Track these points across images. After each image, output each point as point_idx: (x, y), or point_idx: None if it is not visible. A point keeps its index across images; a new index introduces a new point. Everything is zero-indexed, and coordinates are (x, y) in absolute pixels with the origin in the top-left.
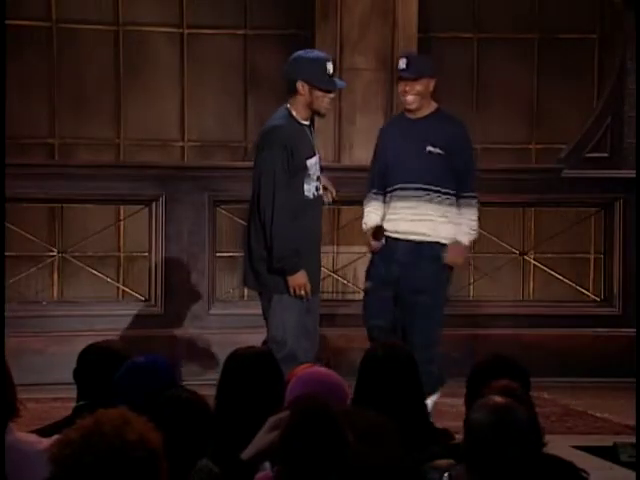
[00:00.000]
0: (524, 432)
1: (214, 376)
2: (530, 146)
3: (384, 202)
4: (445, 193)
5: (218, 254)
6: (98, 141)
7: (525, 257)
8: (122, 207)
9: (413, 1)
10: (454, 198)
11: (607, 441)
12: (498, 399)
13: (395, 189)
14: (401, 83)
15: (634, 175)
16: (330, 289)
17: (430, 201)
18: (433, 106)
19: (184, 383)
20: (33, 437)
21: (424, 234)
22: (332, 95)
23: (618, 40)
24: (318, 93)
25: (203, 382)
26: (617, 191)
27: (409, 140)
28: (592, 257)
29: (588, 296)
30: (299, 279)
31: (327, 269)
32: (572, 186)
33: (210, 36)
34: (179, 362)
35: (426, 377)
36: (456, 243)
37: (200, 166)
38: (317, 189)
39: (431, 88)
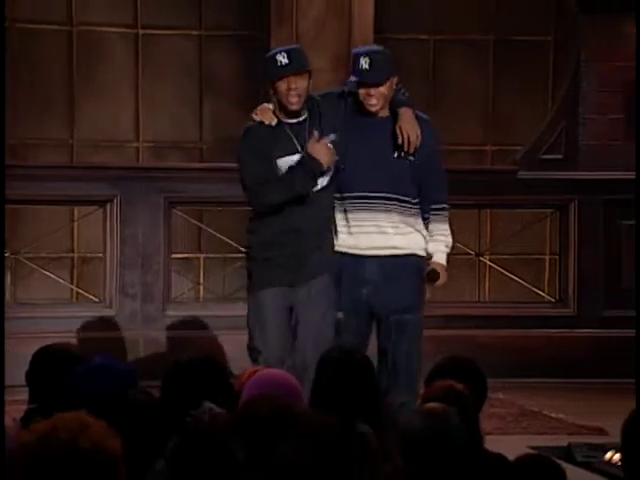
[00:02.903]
0: (457, 438)
1: None
2: (486, 148)
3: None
4: (415, 203)
5: (173, 255)
6: (52, 142)
7: (481, 258)
8: (76, 208)
9: (369, 1)
10: (419, 207)
11: (562, 441)
12: (432, 405)
13: (356, 198)
14: (363, 87)
15: (589, 176)
16: None
17: (403, 212)
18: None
19: (139, 385)
20: None
21: (399, 247)
22: (284, 84)
23: (573, 42)
24: (276, 87)
25: (158, 384)
26: (572, 192)
27: (371, 143)
28: (547, 258)
29: (543, 297)
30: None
31: None
32: (527, 187)
33: (165, 37)
34: (133, 364)
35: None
36: (438, 265)
37: (155, 167)
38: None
39: (394, 86)
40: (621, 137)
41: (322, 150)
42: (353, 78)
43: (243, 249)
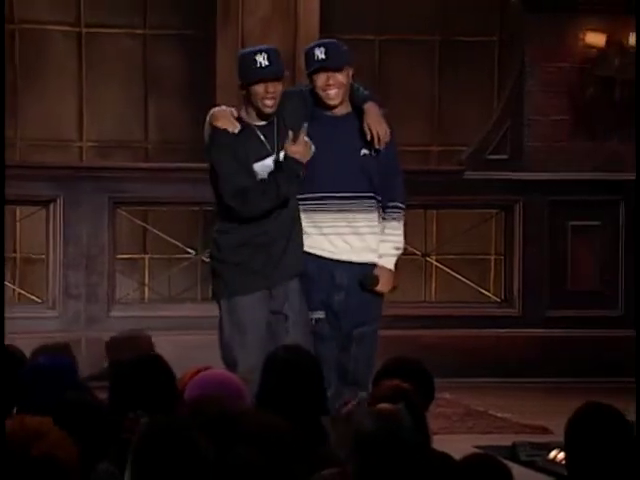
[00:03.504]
0: (409, 439)
1: None
2: (432, 148)
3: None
4: (379, 202)
5: (118, 256)
6: None
7: (427, 258)
8: (18, 208)
9: (315, 2)
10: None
11: (508, 441)
12: (384, 406)
13: (322, 198)
14: (321, 75)
15: (534, 177)
16: None
17: (372, 211)
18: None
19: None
20: None
21: (372, 251)
22: (261, 88)
23: (518, 42)
24: (251, 88)
25: (102, 385)
26: (517, 193)
27: (336, 142)
28: (493, 258)
29: (489, 297)
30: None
31: None
32: (473, 188)
33: (109, 35)
34: (77, 365)
35: None
36: (384, 269)
37: (99, 166)
38: None
39: (351, 78)
40: (566, 138)
41: (300, 149)
42: (309, 71)
43: (209, 250)
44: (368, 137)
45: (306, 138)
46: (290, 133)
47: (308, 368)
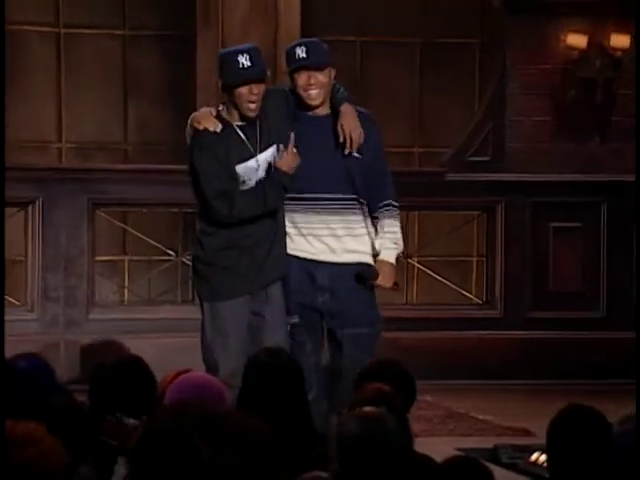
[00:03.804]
0: (394, 442)
1: None
2: (413, 150)
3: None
4: (364, 203)
5: (97, 258)
6: None
7: (409, 260)
8: None
9: (295, 3)
10: (367, 207)
11: (489, 443)
12: (369, 409)
13: (303, 199)
14: (302, 75)
15: (516, 178)
16: None
17: (354, 213)
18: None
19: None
20: None
21: (356, 252)
22: (245, 89)
23: (499, 44)
24: (234, 90)
25: (82, 389)
26: (499, 194)
27: (317, 142)
28: (474, 260)
29: (471, 299)
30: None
31: None
32: (455, 190)
33: (87, 36)
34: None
35: None
36: (384, 263)
37: (79, 168)
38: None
39: (332, 79)
40: (548, 139)
41: (289, 161)
42: (289, 70)
43: (191, 251)
44: (341, 139)
45: (294, 149)
46: (281, 147)
47: (289, 371)
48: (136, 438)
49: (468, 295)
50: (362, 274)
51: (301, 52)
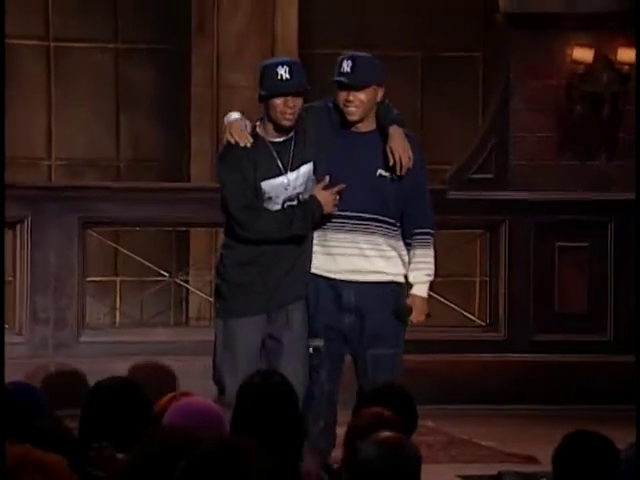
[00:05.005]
0: (412, 469)
1: None
2: None
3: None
4: (395, 225)
5: (88, 279)
6: None
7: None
8: None
9: (293, 17)
10: (399, 229)
11: (492, 470)
12: (387, 434)
13: (336, 217)
14: (342, 90)
15: (520, 197)
16: None
17: (384, 235)
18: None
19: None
20: None
21: (380, 272)
22: (280, 101)
23: (502, 59)
24: (271, 101)
25: (72, 413)
26: (503, 213)
27: (355, 159)
28: (477, 280)
29: (474, 321)
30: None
31: None
32: (457, 208)
33: (78, 49)
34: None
35: None
36: (417, 298)
37: (69, 186)
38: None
39: (379, 98)
40: (552, 156)
41: (328, 198)
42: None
43: (217, 266)
44: (391, 162)
45: (337, 196)
46: (326, 178)
47: (283, 394)
48: (123, 465)
49: (471, 317)
50: (398, 314)
51: (347, 66)
